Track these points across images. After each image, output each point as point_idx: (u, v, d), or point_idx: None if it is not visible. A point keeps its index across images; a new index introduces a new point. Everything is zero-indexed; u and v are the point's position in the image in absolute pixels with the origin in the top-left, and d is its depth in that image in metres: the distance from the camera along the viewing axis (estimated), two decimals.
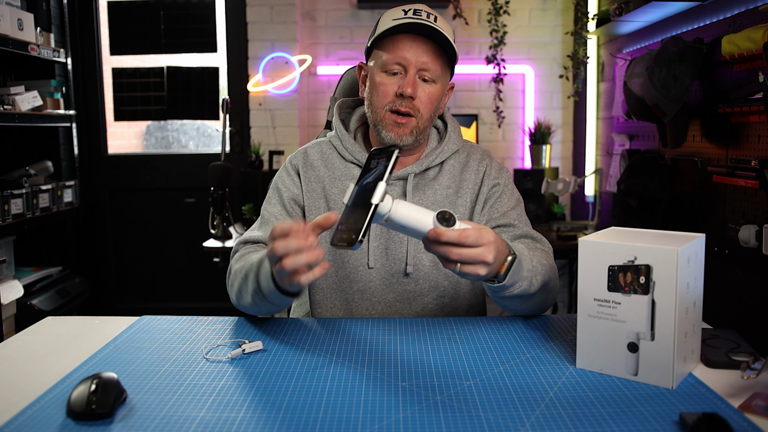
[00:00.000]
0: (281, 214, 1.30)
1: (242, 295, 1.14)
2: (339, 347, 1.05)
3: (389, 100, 1.23)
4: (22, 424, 0.78)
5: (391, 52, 1.22)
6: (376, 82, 1.24)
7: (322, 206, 1.30)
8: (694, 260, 0.90)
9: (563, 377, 0.91)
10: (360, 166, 1.30)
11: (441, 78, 1.25)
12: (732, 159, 1.92)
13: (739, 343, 1.00)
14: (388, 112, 1.23)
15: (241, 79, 3.38)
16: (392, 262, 1.27)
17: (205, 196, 2.89)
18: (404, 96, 1.21)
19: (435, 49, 1.22)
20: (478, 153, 1.36)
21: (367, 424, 0.78)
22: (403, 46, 1.21)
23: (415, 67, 1.21)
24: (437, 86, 1.24)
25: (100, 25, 3.42)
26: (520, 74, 3.47)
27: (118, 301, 3.53)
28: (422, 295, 1.28)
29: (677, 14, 2.32)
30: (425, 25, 1.19)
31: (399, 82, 1.22)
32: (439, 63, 1.23)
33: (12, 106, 2.60)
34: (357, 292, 1.28)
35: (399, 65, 1.22)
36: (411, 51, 1.21)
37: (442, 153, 1.31)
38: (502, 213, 1.29)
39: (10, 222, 2.56)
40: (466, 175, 1.32)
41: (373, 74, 1.26)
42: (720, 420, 0.73)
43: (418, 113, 1.23)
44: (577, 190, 2.97)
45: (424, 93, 1.23)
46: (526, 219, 1.32)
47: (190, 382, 0.90)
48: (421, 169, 1.30)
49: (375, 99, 1.25)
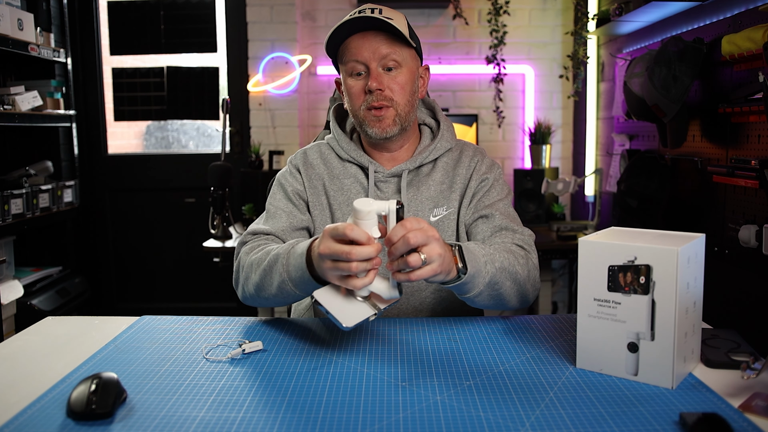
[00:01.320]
0: (287, 206, 1.32)
1: (264, 287, 1.14)
2: (339, 347, 1.05)
3: (362, 99, 1.27)
4: (22, 424, 0.78)
5: (349, 56, 1.26)
6: (348, 86, 1.28)
7: (324, 203, 1.33)
8: (694, 260, 0.90)
9: (563, 377, 0.91)
10: (356, 164, 1.33)
11: (406, 62, 1.27)
12: (732, 159, 1.92)
13: (739, 343, 1.00)
14: (365, 111, 1.27)
15: (241, 79, 3.38)
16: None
17: (205, 196, 2.89)
18: (372, 91, 1.24)
19: (387, 37, 1.24)
20: (470, 150, 1.38)
21: (367, 424, 0.78)
22: (357, 48, 1.25)
23: (375, 61, 1.24)
24: (404, 70, 1.26)
25: (100, 25, 3.41)
26: (520, 74, 3.47)
27: (118, 301, 3.53)
28: (420, 290, 1.30)
29: (677, 14, 2.32)
30: (368, 18, 1.21)
31: (366, 80, 1.26)
32: (397, 48, 1.25)
33: (12, 106, 2.60)
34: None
35: (360, 64, 1.25)
36: (364, 47, 1.24)
37: (435, 150, 1.34)
38: (486, 204, 1.31)
39: (10, 222, 2.56)
40: (459, 171, 1.34)
41: (345, 82, 1.30)
42: (720, 420, 0.73)
43: (393, 101, 1.26)
44: (577, 190, 2.97)
45: (392, 81, 1.25)
46: (510, 212, 1.32)
47: (190, 382, 0.90)
48: (415, 166, 1.32)
49: (351, 103, 1.29)
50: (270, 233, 1.27)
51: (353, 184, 1.33)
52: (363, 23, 1.23)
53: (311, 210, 1.33)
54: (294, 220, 1.30)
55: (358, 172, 1.34)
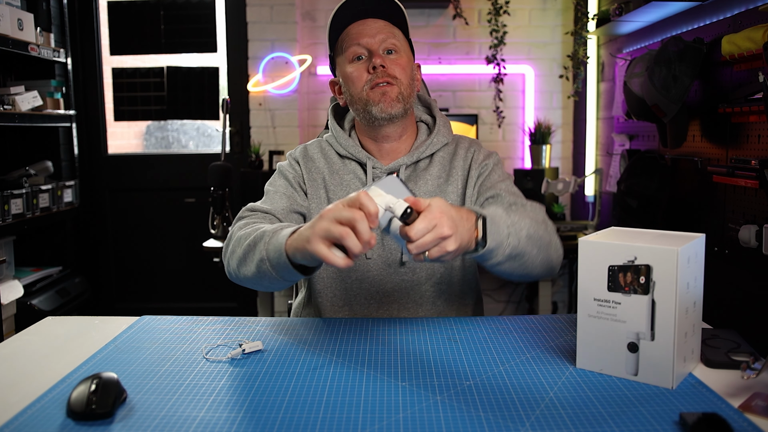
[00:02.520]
0: (288, 190, 1.32)
1: (245, 262, 1.11)
2: (339, 347, 1.05)
3: (365, 79, 1.27)
4: (22, 424, 0.78)
5: (349, 42, 1.27)
6: (348, 73, 1.28)
7: (322, 196, 1.33)
8: (694, 260, 0.90)
9: (563, 377, 0.91)
10: (355, 160, 1.34)
11: (403, 48, 1.30)
12: (732, 159, 1.92)
13: (739, 343, 1.00)
14: (369, 90, 1.26)
15: (241, 79, 3.38)
16: (388, 252, 1.30)
17: (205, 196, 2.89)
18: (376, 68, 1.25)
19: (386, 23, 1.28)
20: (465, 142, 1.40)
21: (367, 424, 0.78)
22: (357, 32, 1.27)
23: (377, 44, 1.26)
24: (402, 55, 1.29)
25: (100, 25, 3.41)
26: (520, 74, 3.47)
27: (118, 301, 3.53)
28: (419, 284, 1.30)
29: (677, 14, 2.32)
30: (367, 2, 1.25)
31: (367, 63, 1.27)
32: (396, 32, 1.29)
33: (12, 106, 2.60)
34: (356, 281, 1.30)
35: (362, 48, 1.26)
36: (365, 32, 1.26)
37: (432, 145, 1.35)
38: (489, 186, 1.31)
39: (10, 222, 2.56)
40: (455, 163, 1.35)
41: (344, 73, 1.30)
42: (720, 420, 0.73)
43: (396, 79, 1.26)
44: (577, 190, 2.97)
45: (393, 62, 1.27)
46: (515, 190, 1.32)
47: (190, 382, 0.90)
48: (413, 161, 1.33)
49: (353, 88, 1.28)
50: (269, 212, 1.26)
51: (353, 180, 1.34)
52: (361, 6, 1.25)
53: (309, 200, 1.33)
54: (293, 203, 1.30)
55: (357, 168, 1.35)
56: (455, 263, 1.33)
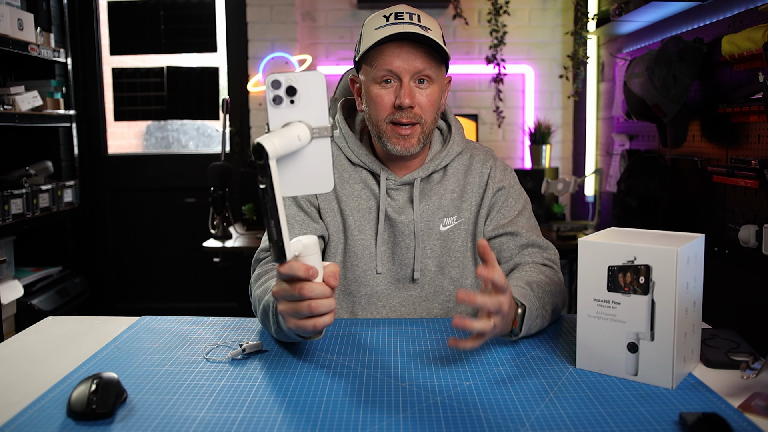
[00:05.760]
0: (299, 215, 1.26)
1: (266, 326, 1.08)
2: (339, 347, 1.05)
3: (388, 112, 1.19)
4: (22, 424, 0.78)
5: (381, 64, 1.18)
6: (373, 95, 1.20)
7: (335, 208, 1.28)
8: (694, 260, 0.90)
9: (563, 377, 0.91)
10: (367, 169, 1.28)
11: (437, 77, 1.21)
12: (732, 159, 1.92)
13: (739, 343, 1.00)
14: (390, 125, 1.19)
15: (241, 79, 3.38)
16: (399, 267, 1.27)
17: (205, 196, 2.89)
18: (403, 108, 1.17)
19: (424, 51, 1.17)
20: (481, 154, 1.34)
21: (367, 424, 0.78)
22: (392, 56, 1.17)
23: (409, 74, 1.17)
24: (435, 86, 1.20)
25: (100, 25, 3.41)
26: (520, 74, 3.47)
27: (118, 301, 3.53)
28: (427, 300, 1.28)
29: (677, 14, 2.32)
30: (410, 32, 1.15)
31: (395, 92, 1.18)
32: (432, 63, 1.18)
33: (12, 106, 2.60)
34: (364, 296, 1.27)
35: (392, 74, 1.18)
36: (401, 59, 1.16)
37: (447, 156, 1.29)
38: (508, 220, 1.29)
39: (10, 222, 2.56)
40: (470, 179, 1.31)
41: (367, 87, 1.22)
42: (720, 420, 0.73)
43: (422, 119, 1.19)
44: (577, 190, 2.97)
45: (423, 98, 1.19)
46: (533, 224, 1.32)
47: (190, 383, 0.90)
48: (427, 174, 1.28)
49: (374, 112, 1.21)
50: None
51: (363, 189, 1.28)
52: (403, 34, 1.15)
53: (323, 217, 1.27)
54: (308, 230, 1.25)
55: (369, 177, 1.28)
56: (466, 282, 1.30)
